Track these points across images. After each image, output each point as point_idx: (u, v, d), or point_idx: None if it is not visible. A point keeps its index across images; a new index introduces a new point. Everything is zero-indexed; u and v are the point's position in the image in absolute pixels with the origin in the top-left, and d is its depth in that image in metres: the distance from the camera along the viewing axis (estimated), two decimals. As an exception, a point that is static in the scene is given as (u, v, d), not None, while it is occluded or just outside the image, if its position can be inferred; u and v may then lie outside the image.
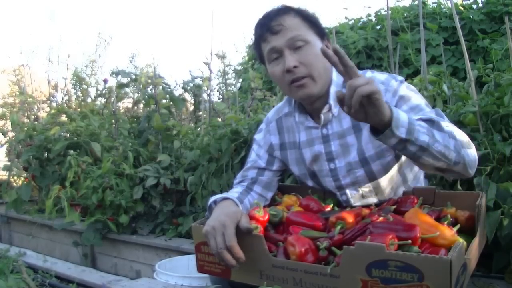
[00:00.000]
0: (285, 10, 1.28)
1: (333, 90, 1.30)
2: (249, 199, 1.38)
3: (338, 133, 1.33)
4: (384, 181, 1.36)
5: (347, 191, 1.38)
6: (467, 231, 1.16)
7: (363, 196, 1.38)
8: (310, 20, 1.29)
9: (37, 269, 2.64)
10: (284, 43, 1.25)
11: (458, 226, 1.14)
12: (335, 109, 1.31)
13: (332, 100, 1.31)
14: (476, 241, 1.11)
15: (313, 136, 1.37)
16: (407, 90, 1.27)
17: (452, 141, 1.09)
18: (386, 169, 1.34)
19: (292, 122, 1.42)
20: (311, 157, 1.38)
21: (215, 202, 1.31)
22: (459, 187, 1.68)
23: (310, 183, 1.46)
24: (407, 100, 1.25)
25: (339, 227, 1.11)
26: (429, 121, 1.10)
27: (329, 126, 1.33)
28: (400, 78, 1.31)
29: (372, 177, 1.35)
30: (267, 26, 1.27)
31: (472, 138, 1.81)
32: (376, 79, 1.29)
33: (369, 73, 1.33)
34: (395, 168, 1.36)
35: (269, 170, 1.44)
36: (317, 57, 1.24)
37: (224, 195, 1.33)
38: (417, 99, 1.26)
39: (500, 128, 1.77)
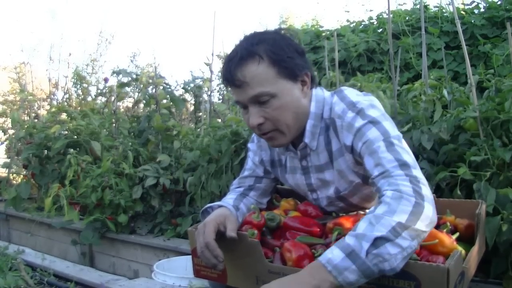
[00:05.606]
0: (249, 57, 1.11)
1: (309, 125, 1.21)
2: (245, 203, 1.37)
3: (316, 167, 1.27)
4: (370, 205, 1.31)
5: (335, 214, 1.36)
6: (466, 240, 1.16)
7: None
8: (280, 64, 1.12)
9: (36, 267, 2.64)
10: (247, 100, 1.13)
11: (457, 234, 1.14)
12: (313, 143, 1.23)
13: (307, 138, 1.21)
14: (475, 250, 1.10)
15: (295, 165, 1.32)
16: (362, 121, 1.12)
17: (405, 234, 0.91)
18: (367, 200, 1.29)
19: None
20: (294, 184, 1.36)
21: (211, 208, 1.30)
22: (458, 192, 1.68)
23: None
24: (362, 136, 1.11)
25: (336, 233, 1.10)
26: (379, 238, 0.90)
27: (308, 158, 1.28)
28: (363, 103, 1.15)
29: (355, 207, 1.31)
30: (228, 78, 1.14)
31: (472, 144, 1.81)
32: (334, 111, 1.19)
33: (336, 102, 1.20)
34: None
35: (267, 178, 1.42)
36: (284, 109, 1.14)
37: (219, 203, 1.32)
38: (373, 131, 1.10)
39: (501, 134, 1.77)
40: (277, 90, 1.13)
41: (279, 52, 1.13)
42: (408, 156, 1.06)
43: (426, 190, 0.99)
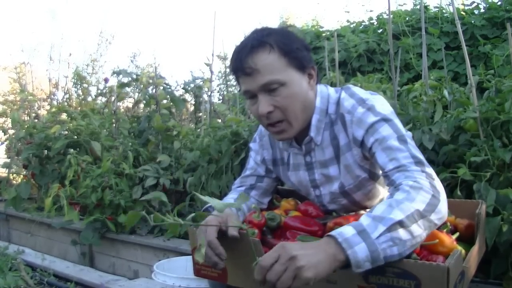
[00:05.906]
0: (260, 46, 1.14)
1: (315, 119, 1.23)
2: (246, 203, 1.37)
3: (320, 162, 1.28)
4: (372, 204, 1.32)
5: (336, 213, 1.37)
6: (466, 240, 1.16)
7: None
8: (290, 54, 1.15)
9: (36, 267, 2.64)
10: (257, 88, 1.15)
11: (457, 234, 1.14)
12: (318, 138, 1.24)
13: (312, 132, 1.23)
14: (475, 249, 1.11)
15: (299, 162, 1.33)
16: (374, 117, 1.14)
17: (420, 222, 0.94)
18: (370, 197, 1.31)
19: None
20: (296, 181, 1.37)
21: (212, 207, 1.31)
22: (458, 193, 1.68)
23: None
24: (374, 132, 1.13)
25: (337, 232, 1.11)
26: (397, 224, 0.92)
27: (312, 153, 1.29)
28: (373, 101, 1.17)
29: (357, 205, 1.32)
30: (238, 66, 1.16)
31: (473, 144, 1.82)
32: (343, 106, 1.21)
33: (345, 98, 1.22)
34: (381, 191, 1.32)
35: (268, 177, 1.43)
36: (293, 98, 1.16)
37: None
38: (386, 128, 1.13)
39: (501, 135, 1.77)
40: (287, 79, 1.15)
41: (289, 43, 1.16)
42: (420, 154, 1.09)
43: (441, 188, 1.03)
